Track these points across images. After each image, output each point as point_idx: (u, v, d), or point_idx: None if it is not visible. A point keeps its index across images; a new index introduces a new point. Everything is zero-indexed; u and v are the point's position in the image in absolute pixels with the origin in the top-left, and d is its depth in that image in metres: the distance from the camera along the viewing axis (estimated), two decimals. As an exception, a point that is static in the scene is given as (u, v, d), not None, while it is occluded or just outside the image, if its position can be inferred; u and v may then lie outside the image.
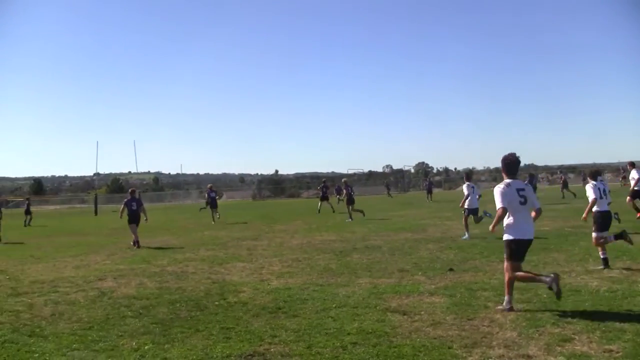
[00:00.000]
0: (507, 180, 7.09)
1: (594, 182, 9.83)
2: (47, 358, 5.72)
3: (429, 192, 41.74)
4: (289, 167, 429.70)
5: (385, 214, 26.30)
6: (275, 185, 79.51)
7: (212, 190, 28.39)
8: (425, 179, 59.53)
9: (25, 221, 33.48)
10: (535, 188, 33.34)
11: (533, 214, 7.20)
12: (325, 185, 31.36)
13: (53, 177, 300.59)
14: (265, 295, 8.48)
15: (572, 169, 72.02)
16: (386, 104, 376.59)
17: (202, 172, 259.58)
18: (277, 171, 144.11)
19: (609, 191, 10.15)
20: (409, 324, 6.44)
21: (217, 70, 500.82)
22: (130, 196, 17.70)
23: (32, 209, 36.48)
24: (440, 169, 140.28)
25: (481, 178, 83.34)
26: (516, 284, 7.02)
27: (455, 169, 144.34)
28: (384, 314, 6.97)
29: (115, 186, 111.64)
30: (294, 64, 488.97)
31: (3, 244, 20.11)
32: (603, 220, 9.71)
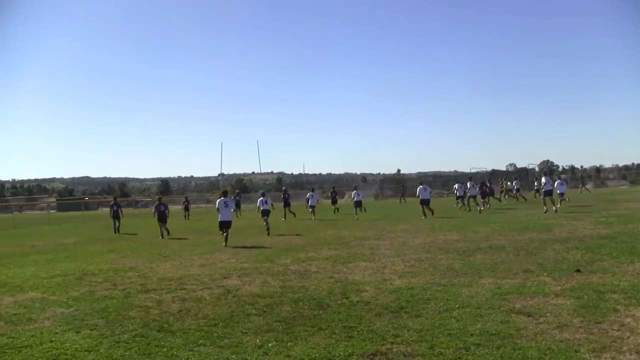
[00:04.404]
0: (222, 198, 18.72)
1: None
2: (175, 353, 6.04)
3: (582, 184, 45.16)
4: (411, 166, 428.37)
5: (509, 213, 25.53)
6: (398, 185, 79.08)
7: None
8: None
9: (185, 216, 41.48)
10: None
11: (231, 211, 18.72)
12: (334, 191, 39.05)
13: (179, 177, 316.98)
14: (388, 294, 8.51)
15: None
16: (510, 100, 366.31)
17: (324, 172, 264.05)
18: (399, 170, 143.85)
19: None
20: (534, 325, 6.32)
21: (340, 71, 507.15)
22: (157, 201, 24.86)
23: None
24: (566, 167, 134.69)
25: (609, 176, 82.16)
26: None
27: (582, 167, 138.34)
28: (508, 315, 6.86)
29: (239, 186, 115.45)
30: (422, 62, 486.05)
31: (120, 235, 21.90)
32: None
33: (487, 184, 32.98)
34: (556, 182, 26.81)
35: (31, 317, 8.19)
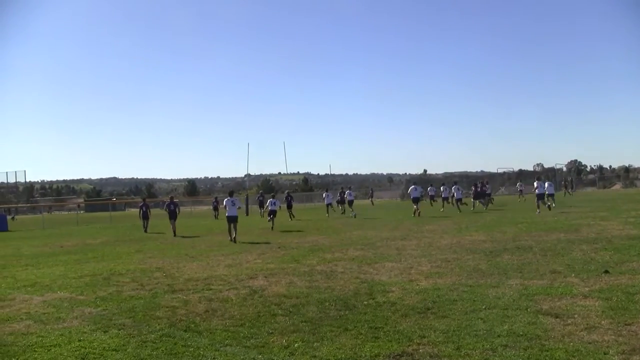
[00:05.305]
0: (228, 198, 21.37)
1: None
2: (202, 352, 6.09)
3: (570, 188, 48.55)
4: (438, 167, 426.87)
5: (536, 214, 25.31)
6: (424, 185, 78.63)
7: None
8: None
9: (214, 216, 42.88)
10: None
11: (237, 208, 21.07)
12: (343, 191, 40.22)
13: (206, 178, 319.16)
14: (414, 295, 8.51)
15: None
16: (538, 100, 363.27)
17: (350, 173, 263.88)
18: (425, 171, 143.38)
19: None
20: (561, 327, 6.27)
21: (367, 74, 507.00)
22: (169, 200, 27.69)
23: (187, 209, 39.87)
24: (594, 167, 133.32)
25: (638, 176, 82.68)
26: None
27: (610, 167, 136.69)
28: (535, 316, 6.83)
29: (266, 187, 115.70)
30: (447, 67, 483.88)
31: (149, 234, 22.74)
32: None
33: (479, 185, 34.48)
34: (546, 184, 28.25)
35: (60, 316, 8.32)
